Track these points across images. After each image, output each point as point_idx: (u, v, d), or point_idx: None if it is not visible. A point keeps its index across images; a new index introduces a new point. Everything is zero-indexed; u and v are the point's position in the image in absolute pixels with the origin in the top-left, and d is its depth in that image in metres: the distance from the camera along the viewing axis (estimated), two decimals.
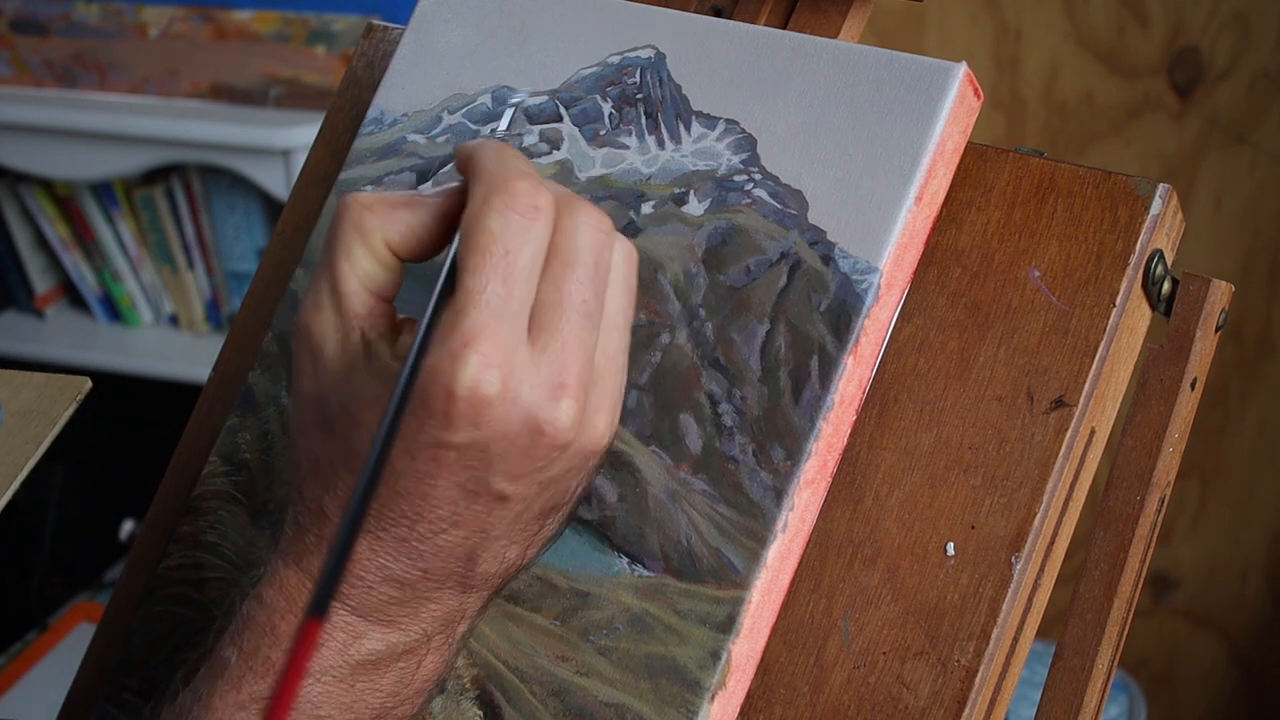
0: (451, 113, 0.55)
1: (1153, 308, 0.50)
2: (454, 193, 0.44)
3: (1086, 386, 0.47)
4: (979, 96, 0.49)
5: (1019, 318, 0.48)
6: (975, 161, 0.50)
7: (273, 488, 0.54)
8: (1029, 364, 0.47)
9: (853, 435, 0.49)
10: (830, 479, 0.48)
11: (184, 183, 1.77)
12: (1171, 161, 1.59)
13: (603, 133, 0.52)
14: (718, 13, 0.56)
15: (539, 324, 0.42)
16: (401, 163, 0.55)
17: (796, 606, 0.48)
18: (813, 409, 0.46)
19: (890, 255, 0.47)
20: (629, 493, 0.48)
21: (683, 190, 0.50)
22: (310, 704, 0.43)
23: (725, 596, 0.46)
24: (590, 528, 0.48)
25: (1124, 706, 1.56)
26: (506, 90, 0.54)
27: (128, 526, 1.86)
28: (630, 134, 0.52)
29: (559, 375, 0.41)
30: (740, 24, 0.52)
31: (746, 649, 0.46)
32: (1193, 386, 0.50)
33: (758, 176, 0.49)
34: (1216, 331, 0.50)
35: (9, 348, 1.83)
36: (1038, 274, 0.48)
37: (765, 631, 0.47)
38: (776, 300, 0.48)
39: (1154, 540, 0.51)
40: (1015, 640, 0.46)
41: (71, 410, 0.56)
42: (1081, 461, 0.48)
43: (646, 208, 0.51)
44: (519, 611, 0.48)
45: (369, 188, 0.55)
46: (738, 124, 0.50)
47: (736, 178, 0.50)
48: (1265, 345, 1.63)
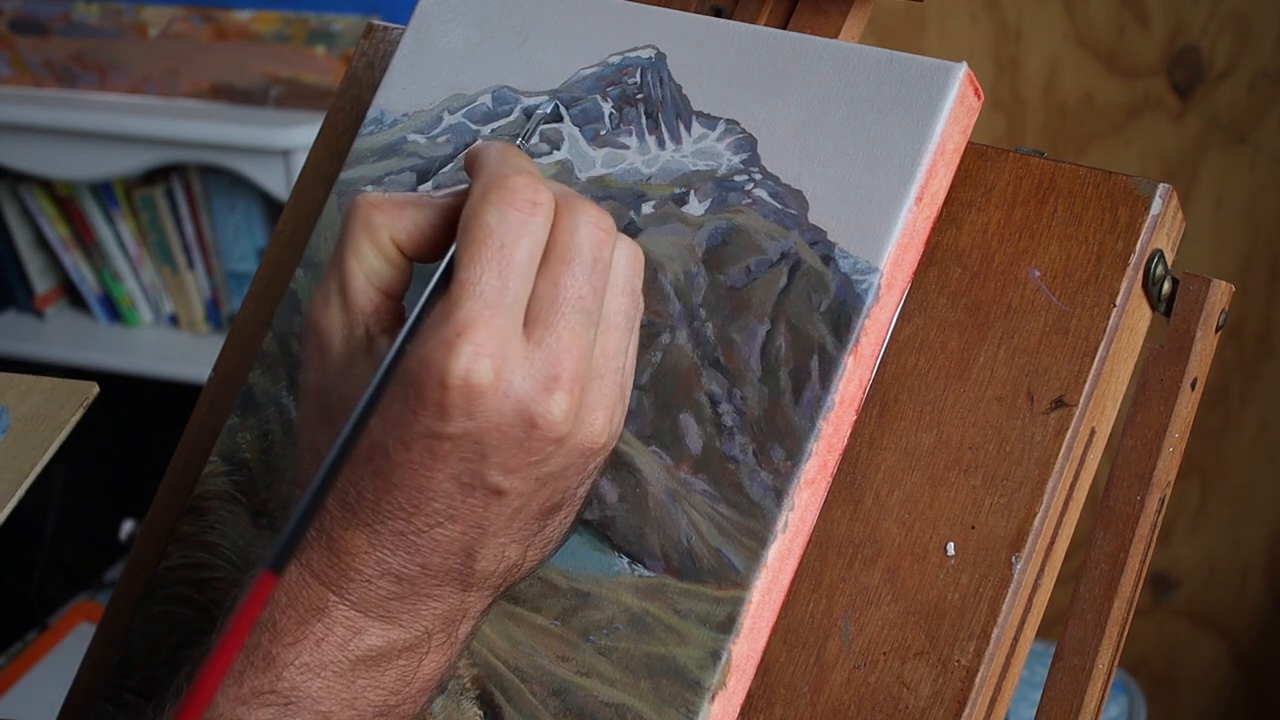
0: (452, 113, 0.55)
1: (1153, 308, 0.50)
2: (461, 193, 0.44)
3: (1086, 386, 0.47)
4: (979, 96, 0.49)
5: (1019, 318, 0.48)
6: (975, 161, 0.50)
7: (273, 488, 0.54)
8: (1029, 364, 0.48)
9: (853, 435, 0.49)
10: (830, 479, 0.48)
11: (184, 183, 1.77)
12: (1171, 161, 1.59)
13: (603, 133, 0.52)
14: (718, 13, 0.56)
15: (534, 318, 0.42)
16: (402, 163, 0.55)
17: (797, 606, 0.48)
18: (813, 409, 0.46)
19: (890, 255, 0.47)
20: (629, 493, 0.48)
21: (683, 190, 0.50)
22: (311, 698, 0.43)
23: (725, 596, 0.46)
24: (590, 528, 0.48)
25: (1124, 706, 1.56)
26: (509, 91, 0.54)
27: (128, 526, 1.86)
28: (630, 134, 0.52)
29: (552, 368, 0.42)
30: (740, 24, 0.52)
31: (747, 649, 0.46)
32: (1193, 386, 0.50)
33: (758, 176, 0.49)
34: (1216, 331, 0.50)
35: (9, 348, 1.83)
36: (1038, 274, 0.48)
37: (765, 631, 0.47)
38: (777, 300, 0.48)
39: (1154, 540, 0.51)
40: (1015, 640, 0.46)
41: (78, 416, 0.56)
42: (1081, 461, 0.48)
43: (647, 208, 0.51)
44: (519, 611, 0.48)
45: (369, 188, 0.55)
46: (738, 124, 0.50)
47: (737, 178, 0.50)
48: (1265, 345, 1.63)
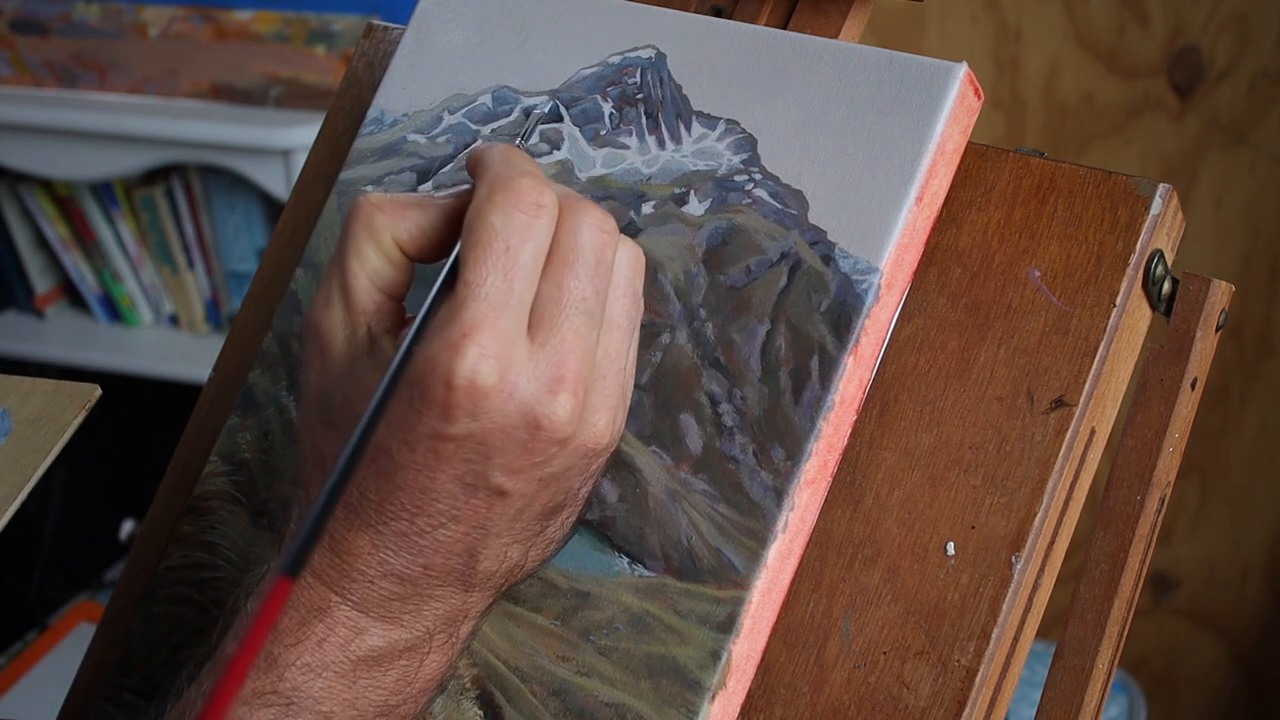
0: (452, 113, 0.55)
1: (1153, 308, 0.50)
2: (463, 194, 0.44)
3: (1086, 386, 0.47)
4: (979, 96, 0.49)
5: (1019, 318, 0.48)
6: (975, 161, 0.50)
7: (273, 488, 0.54)
8: (1029, 364, 0.48)
9: (853, 435, 0.49)
10: (830, 479, 0.48)
11: (184, 183, 1.77)
12: (1171, 161, 1.59)
13: (603, 133, 0.52)
14: (718, 13, 0.56)
15: (539, 319, 0.42)
16: (402, 163, 0.55)
17: (797, 606, 0.48)
18: (813, 409, 0.46)
19: (890, 255, 0.47)
20: (629, 493, 0.48)
21: (683, 190, 0.50)
22: (313, 699, 0.43)
23: (725, 596, 0.46)
24: (590, 528, 0.48)
25: (1124, 706, 1.56)
26: (509, 91, 0.54)
27: (128, 526, 1.86)
28: (630, 134, 0.52)
29: (557, 369, 0.42)
30: (740, 24, 0.52)
31: (747, 649, 0.46)
32: (1193, 386, 0.50)
33: (758, 176, 0.49)
34: (1216, 331, 0.50)
35: (9, 348, 1.83)
36: (1038, 274, 0.48)
37: (765, 631, 0.47)
38: (777, 300, 0.48)
39: (1154, 540, 0.51)
40: (1015, 640, 0.46)
41: (80, 418, 0.56)
42: (1081, 461, 0.48)
43: (647, 208, 0.51)
44: (519, 611, 0.48)
45: (370, 188, 0.55)
46: (738, 124, 0.50)
47: (737, 178, 0.50)
48: (1265, 345, 1.63)
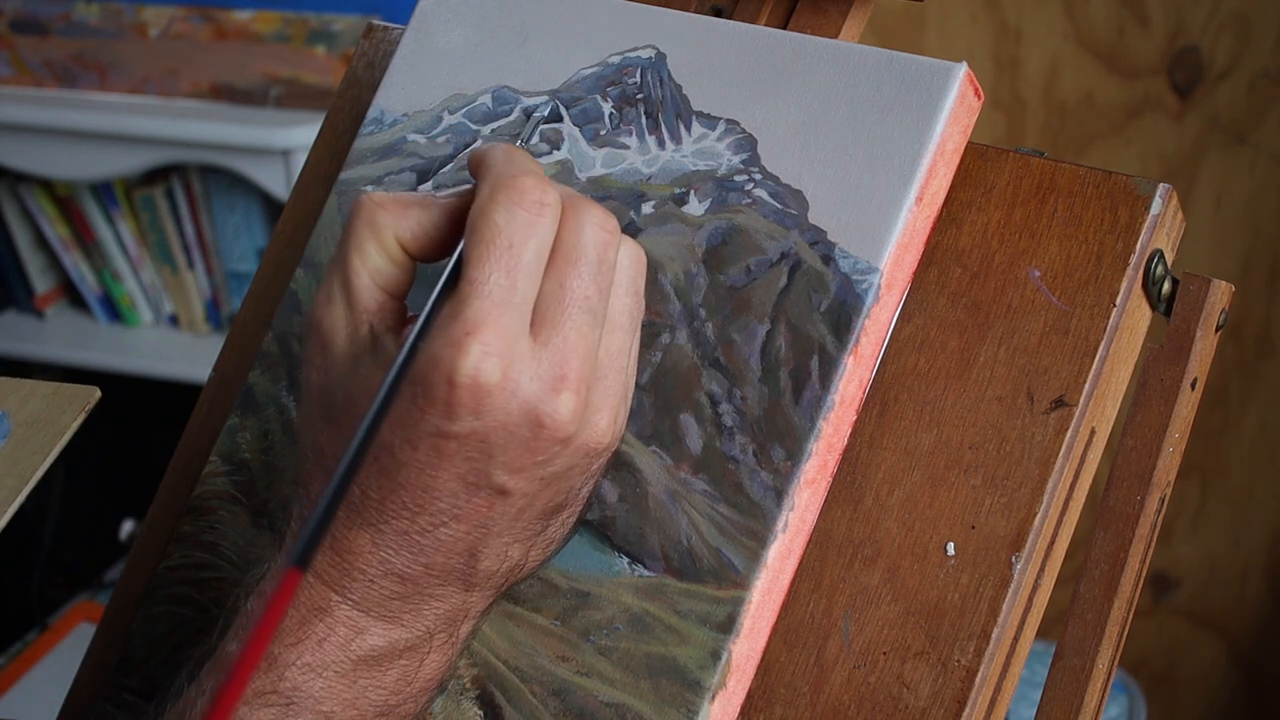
0: (452, 113, 0.55)
1: (1153, 308, 0.50)
2: (465, 194, 0.44)
3: (1086, 386, 0.47)
4: (979, 96, 0.49)
5: (1019, 318, 0.48)
6: (975, 161, 0.50)
7: (273, 488, 0.54)
8: (1029, 364, 0.47)
9: (853, 435, 0.49)
10: (830, 479, 0.48)
11: (184, 183, 1.77)
12: (1171, 161, 1.59)
13: (603, 133, 0.52)
14: (718, 13, 0.56)
15: (541, 318, 0.42)
16: (402, 163, 0.55)
17: (797, 606, 0.48)
18: (813, 409, 0.46)
19: (890, 255, 0.47)
20: (629, 493, 0.48)
21: (683, 190, 0.50)
22: (313, 699, 0.43)
23: (725, 596, 0.46)
24: (590, 528, 0.48)
25: (1124, 706, 1.56)
26: (509, 91, 0.54)
27: (128, 526, 1.86)
28: (630, 134, 0.52)
29: (560, 368, 0.42)
30: (740, 24, 0.52)
31: (747, 649, 0.46)
32: (1193, 386, 0.50)
33: (758, 176, 0.49)
34: (1216, 331, 0.50)
35: (9, 348, 1.83)
36: (1038, 274, 0.48)
37: (765, 631, 0.47)
38: (777, 300, 0.48)
39: (1154, 540, 0.51)
40: (1015, 640, 0.46)
41: (80, 420, 0.56)
42: (1081, 461, 0.48)
43: (647, 208, 0.51)
44: (519, 611, 0.48)
45: (370, 188, 0.55)
46: (738, 124, 0.50)
47: (737, 178, 0.50)
48: (1265, 345, 1.63)
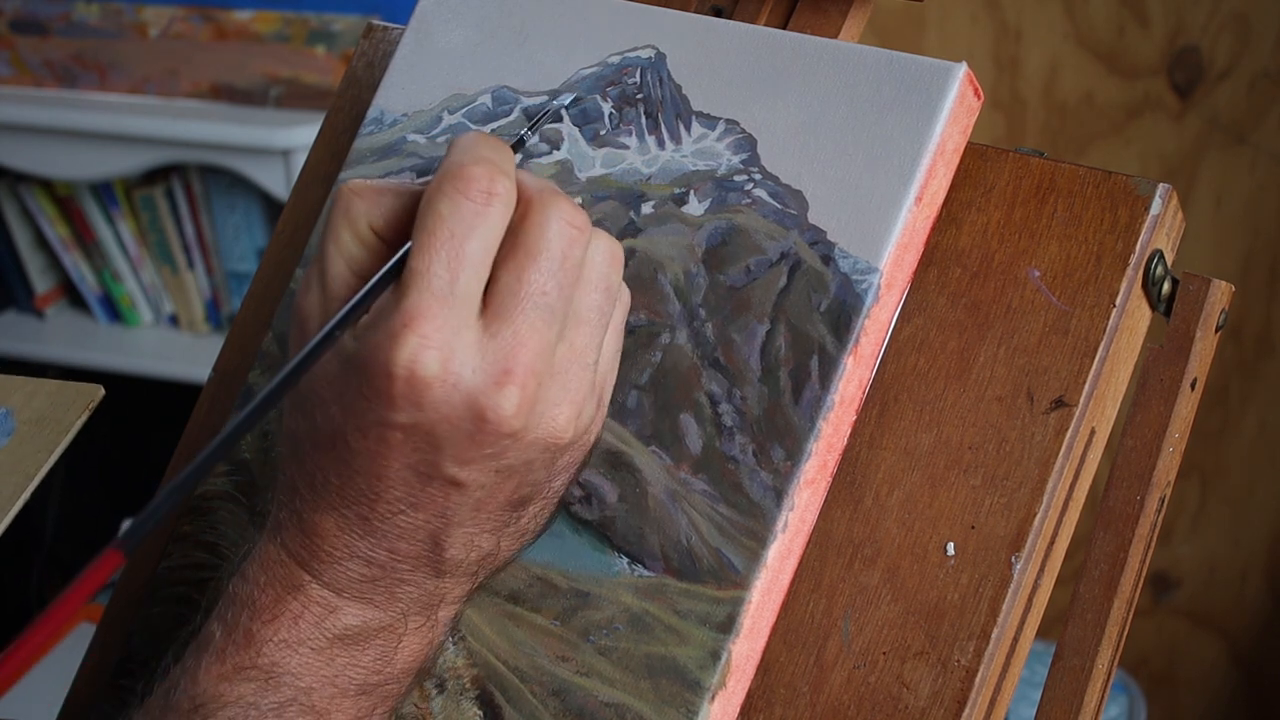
0: (451, 113, 0.55)
1: (1153, 308, 0.50)
2: None
3: (1086, 386, 0.47)
4: (979, 96, 0.49)
5: (1019, 318, 0.48)
6: (975, 161, 0.50)
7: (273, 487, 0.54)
8: (1029, 364, 0.47)
9: (853, 435, 0.49)
10: (830, 479, 0.48)
11: (184, 183, 1.77)
12: (1171, 161, 1.59)
13: (603, 133, 0.52)
14: (718, 13, 0.56)
15: (494, 310, 0.42)
16: (401, 163, 0.55)
17: (796, 606, 0.48)
18: (813, 409, 0.46)
19: (890, 255, 0.47)
20: (629, 493, 0.48)
21: (683, 190, 0.50)
22: (291, 674, 0.44)
23: (725, 596, 0.46)
24: (590, 528, 0.48)
25: (1124, 706, 1.56)
26: (509, 91, 0.54)
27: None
28: (630, 134, 0.52)
29: (505, 362, 0.41)
30: (740, 24, 0.52)
31: (746, 649, 0.46)
32: (1193, 386, 0.50)
33: (758, 176, 0.49)
34: (1216, 331, 0.50)
35: (9, 348, 1.83)
36: (1038, 274, 0.48)
37: (765, 631, 0.47)
38: (776, 300, 0.48)
39: (1154, 540, 0.51)
40: (1015, 640, 0.46)
41: (84, 419, 0.56)
42: (1081, 461, 0.48)
43: (646, 208, 0.51)
44: (519, 611, 0.48)
45: None
46: (738, 124, 0.50)
47: (736, 178, 0.50)
48: (1265, 345, 1.63)
